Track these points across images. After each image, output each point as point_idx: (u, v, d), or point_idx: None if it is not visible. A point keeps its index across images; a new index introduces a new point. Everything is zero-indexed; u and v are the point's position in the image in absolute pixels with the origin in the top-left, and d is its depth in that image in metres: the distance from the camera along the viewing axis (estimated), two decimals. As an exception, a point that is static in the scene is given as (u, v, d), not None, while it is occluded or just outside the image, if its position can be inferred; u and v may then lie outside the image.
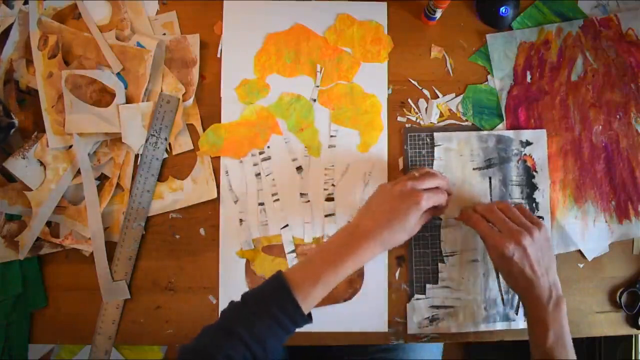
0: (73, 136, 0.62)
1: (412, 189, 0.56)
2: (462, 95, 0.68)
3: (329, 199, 0.66)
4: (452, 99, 0.68)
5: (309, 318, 0.52)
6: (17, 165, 0.62)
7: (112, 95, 0.63)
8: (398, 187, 0.57)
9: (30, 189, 0.62)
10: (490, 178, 0.67)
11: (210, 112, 0.67)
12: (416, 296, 0.65)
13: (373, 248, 0.54)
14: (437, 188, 0.59)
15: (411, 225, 0.56)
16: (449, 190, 0.61)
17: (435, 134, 0.67)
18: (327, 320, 0.65)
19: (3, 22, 0.64)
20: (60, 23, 0.65)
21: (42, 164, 0.63)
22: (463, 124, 0.68)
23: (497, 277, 0.66)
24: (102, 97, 0.64)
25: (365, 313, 0.65)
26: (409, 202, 0.55)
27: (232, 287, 0.65)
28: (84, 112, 0.62)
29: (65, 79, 0.62)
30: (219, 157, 0.66)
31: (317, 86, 0.67)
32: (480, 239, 0.61)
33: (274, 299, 0.49)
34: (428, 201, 0.56)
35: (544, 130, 0.67)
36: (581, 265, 0.67)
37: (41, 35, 0.63)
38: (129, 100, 0.64)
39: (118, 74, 0.64)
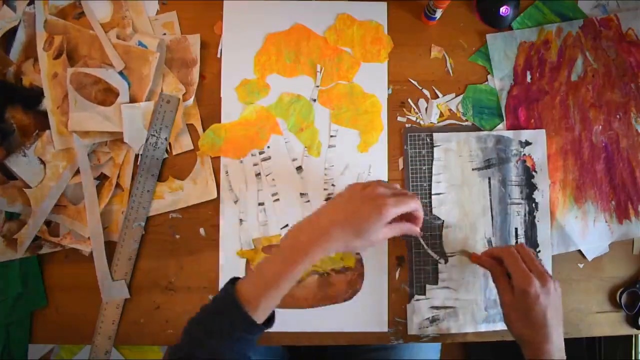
0: (73, 135, 0.62)
1: (378, 194, 0.52)
2: (462, 95, 0.68)
3: (329, 199, 0.66)
4: (452, 99, 0.68)
5: (268, 323, 0.50)
6: (17, 163, 0.62)
7: (116, 95, 0.63)
8: (367, 189, 0.52)
9: (30, 187, 0.62)
10: (489, 178, 0.67)
11: (210, 112, 0.67)
12: (416, 297, 0.65)
13: (324, 247, 0.50)
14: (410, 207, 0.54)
15: (370, 232, 0.51)
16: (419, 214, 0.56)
17: (434, 134, 0.67)
18: (327, 320, 0.65)
19: (5, 25, 0.64)
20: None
21: (42, 161, 0.63)
22: (463, 124, 0.68)
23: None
24: (107, 97, 0.64)
25: (365, 313, 0.65)
26: (371, 207, 0.50)
27: (232, 287, 0.65)
28: (88, 110, 0.62)
29: (70, 77, 0.62)
30: (219, 157, 0.66)
31: (317, 86, 0.67)
32: (488, 271, 0.60)
33: (226, 317, 0.48)
34: (394, 208, 0.51)
35: (543, 130, 0.67)
36: (581, 265, 0.67)
37: (47, 36, 0.64)
38: (131, 100, 0.64)
39: (122, 74, 0.64)
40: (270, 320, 0.51)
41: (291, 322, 0.65)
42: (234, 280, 0.51)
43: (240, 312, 0.47)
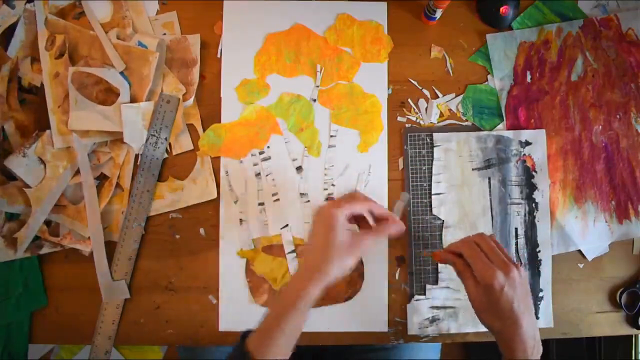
0: (73, 135, 0.62)
1: (326, 207, 0.52)
2: (462, 95, 0.68)
3: (329, 199, 0.66)
4: (452, 99, 0.68)
5: None
6: (17, 163, 0.62)
7: (117, 95, 0.63)
8: (318, 210, 0.53)
9: (30, 187, 0.62)
10: (489, 178, 0.67)
11: (210, 112, 0.67)
12: (416, 297, 0.65)
13: (314, 280, 0.50)
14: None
15: (342, 243, 0.51)
16: (382, 214, 0.55)
17: (434, 134, 0.67)
18: (327, 320, 0.65)
19: (4, 22, 0.64)
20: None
21: (42, 161, 0.63)
22: (463, 124, 0.68)
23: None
24: (108, 97, 0.64)
25: (365, 313, 0.65)
26: (325, 221, 0.51)
27: (232, 287, 0.65)
28: (88, 110, 0.62)
29: (72, 76, 0.62)
30: (219, 157, 0.66)
31: (317, 86, 0.67)
32: (457, 270, 0.56)
33: None
34: (341, 206, 0.51)
35: (543, 130, 0.67)
36: (581, 265, 0.67)
37: (49, 35, 0.64)
38: (132, 100, 0.64)
39: (122, 74, 0.64)
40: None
41: (291, 322, 0.65)
42: (246, 334, 0.51)
43: None
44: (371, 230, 0.54)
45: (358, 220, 0.54)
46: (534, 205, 0.66)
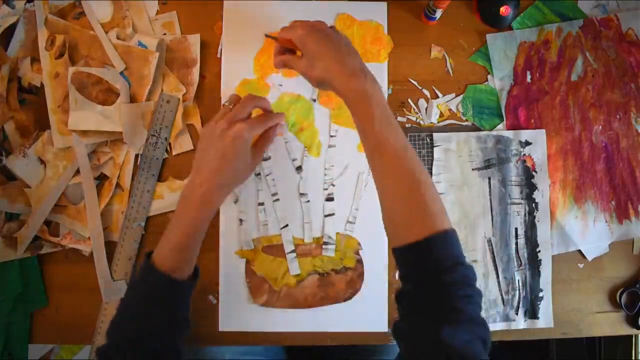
0: (73, 135, 0.62)
1: (231, 123, 0.54)
2: (462, 95, 0.68)
3: (329, 199, 0.66)
4: (452, 99, 0.68)
5: (190, 280, 0.54)
6: (17, 164, 0.62)
7: (118, 95, 0.63)
8: (218, 126, 0.55)
9: (30, 187, 0.62)
10: (489, 178, 0.67)
11: (210, 112, 0.67)
12: (416, 296, 0.65)
13: (214, 200, 0.55)
14: (261, 115, 0.60)
15: (244, 161, 0.56)
16: (267, 107, 0.61)
17: (434, 134, 0.67)
18: (327, 320, 0.65)
19: (4, 22, 0.64)
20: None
21: (42, 161, 0.63)
22: (463, 124, 0.68)
23: (497, 278, 0.66)
24: (108, 97, 0.64)
25: (365, 313, 0.65)
26: (233, 139, 0.53)
27: (232, 287, 0.65)
28: (88, 110, 0.62)
29: (72, 76, 0.62)
30: (219, 157, 0.66)
31: (317, 86, 0.67)
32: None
33: (155, 293, 0.52)
34: (252, 130, 0.55)
35: (543, 130, 0.67)
36: (581, 265, 0.67)
37: (49, 35, 0.64)
38: (132, 100, 0.64)
39: (122, 74, 0.64)
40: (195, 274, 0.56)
41: (291, 322, 0.65)
42: (149, 254, 0.53)
43: (161, 276, 0.51)
44: (261, 138, 0.60)
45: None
46: (534, 205, 0.66)
